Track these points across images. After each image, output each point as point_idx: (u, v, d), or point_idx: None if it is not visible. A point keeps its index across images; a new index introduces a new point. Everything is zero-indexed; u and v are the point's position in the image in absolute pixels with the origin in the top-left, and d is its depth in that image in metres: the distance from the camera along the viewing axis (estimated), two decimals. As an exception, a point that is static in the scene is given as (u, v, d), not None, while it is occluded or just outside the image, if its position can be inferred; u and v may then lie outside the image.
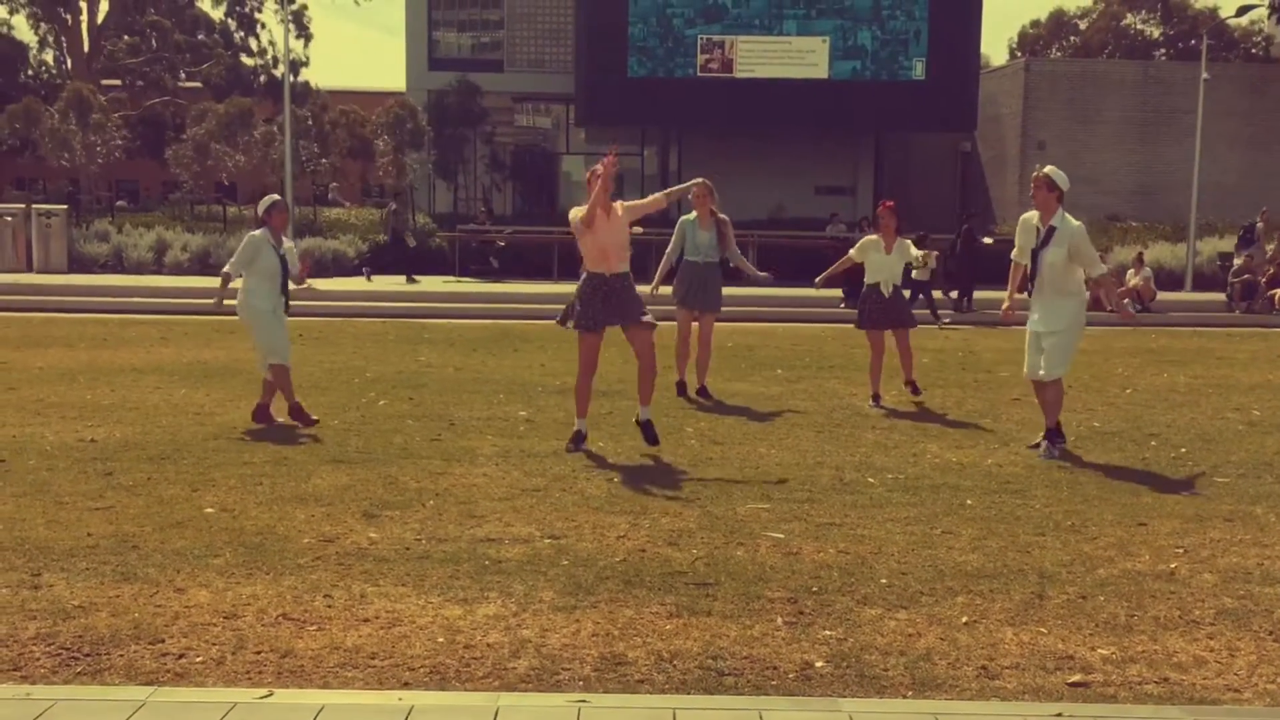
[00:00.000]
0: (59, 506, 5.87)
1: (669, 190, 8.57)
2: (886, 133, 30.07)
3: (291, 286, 8.71)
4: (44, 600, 4.47)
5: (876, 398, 9.84)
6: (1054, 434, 7.78)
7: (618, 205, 7.52)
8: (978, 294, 20.13)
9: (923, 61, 28.07)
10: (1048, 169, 7.63)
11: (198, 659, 3.95)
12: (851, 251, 10.19)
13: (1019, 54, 50.23)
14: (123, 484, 6.39)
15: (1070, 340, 7.69)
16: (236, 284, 8.57)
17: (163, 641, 4.09)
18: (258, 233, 8.55)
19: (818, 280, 10.47)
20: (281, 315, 8.63)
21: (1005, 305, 8.16)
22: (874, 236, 10.03)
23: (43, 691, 3.60)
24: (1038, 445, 7.81)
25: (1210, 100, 25.68)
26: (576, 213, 7.50)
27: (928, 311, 18.68)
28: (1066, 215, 7.59)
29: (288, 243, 8.77)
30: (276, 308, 8.56)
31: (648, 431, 7.62)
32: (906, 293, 10.35)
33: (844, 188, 31.09)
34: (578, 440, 7.61)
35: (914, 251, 10.18)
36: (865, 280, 10.04)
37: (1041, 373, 7.69)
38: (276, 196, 8.87)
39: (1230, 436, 8.53)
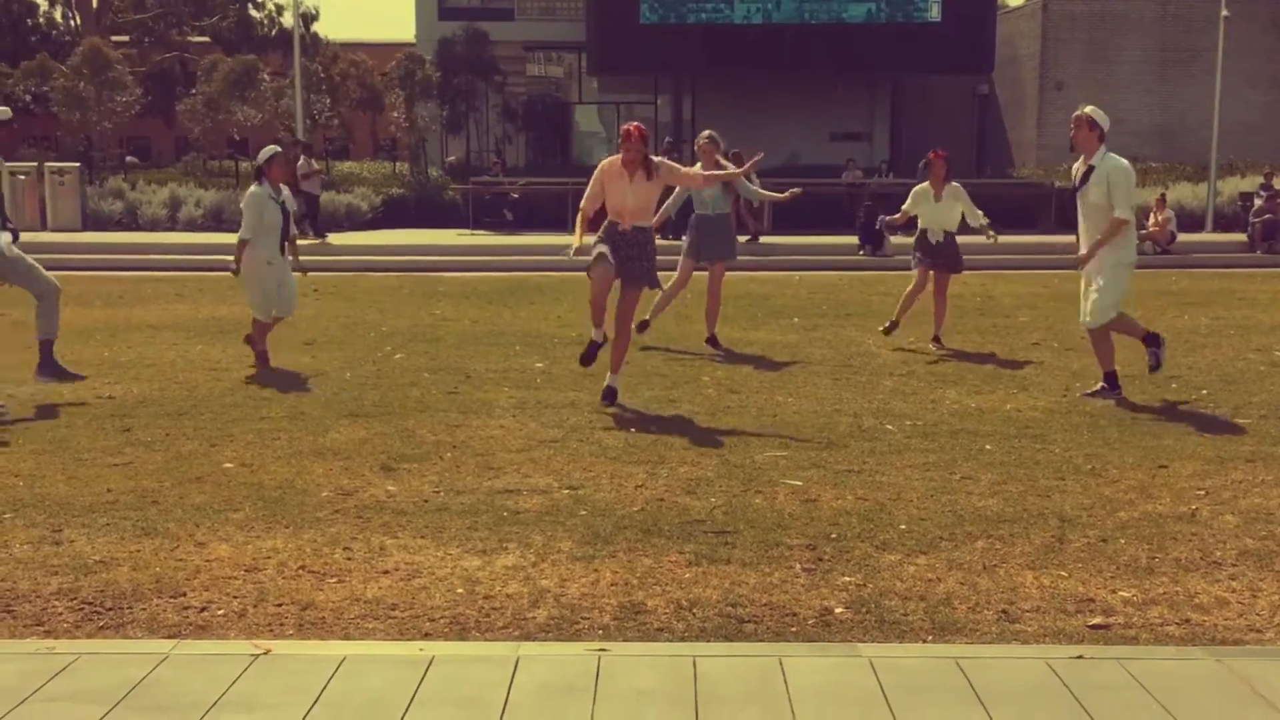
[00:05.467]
0: (78, 463, 5.90)
1: (718, 174, 8.71)
2: (902, 76, 29.69)
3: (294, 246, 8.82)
4: (65, 556, 4.50)
5: (894, 325, 9.90)
6: (1111, 378, 7.64)
7: (659, 163, 7.36)
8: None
9: (938, 3, 27.65)
10: (1089, 108, 7.46)
11: (219, 612, 3.97)
12: (905, 204, 10.10)
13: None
14: (141, 440, 6.42)
15: (1114, 285, 7.43)
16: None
17: (184, 595, 4.11)
18: (257, 188, 8.67)
19: (886, 224, 10.27)
20: (279, 268, 8.74)
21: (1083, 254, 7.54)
22: (924, 185, 9.97)
23: (66, 645, 3.62)
24: (1095, 393, 7.64)
25: (1231, 38, 25.24)
26: (609, 163, 7.35)
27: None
28: (1110, 154, 7.43)
29: (286, 192, 8.83)
30: (273, 259, 8.69)
31: (608, 395, 7.42)
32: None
33: (859, 133, 30.78)
34: (591, 350, 7.58)
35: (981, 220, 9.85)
36: (918, 226, 10.00)
37: (1087, 319, 7.55)
38: (277, 148, 8.97)
39: (1252, 377, 8.46)
